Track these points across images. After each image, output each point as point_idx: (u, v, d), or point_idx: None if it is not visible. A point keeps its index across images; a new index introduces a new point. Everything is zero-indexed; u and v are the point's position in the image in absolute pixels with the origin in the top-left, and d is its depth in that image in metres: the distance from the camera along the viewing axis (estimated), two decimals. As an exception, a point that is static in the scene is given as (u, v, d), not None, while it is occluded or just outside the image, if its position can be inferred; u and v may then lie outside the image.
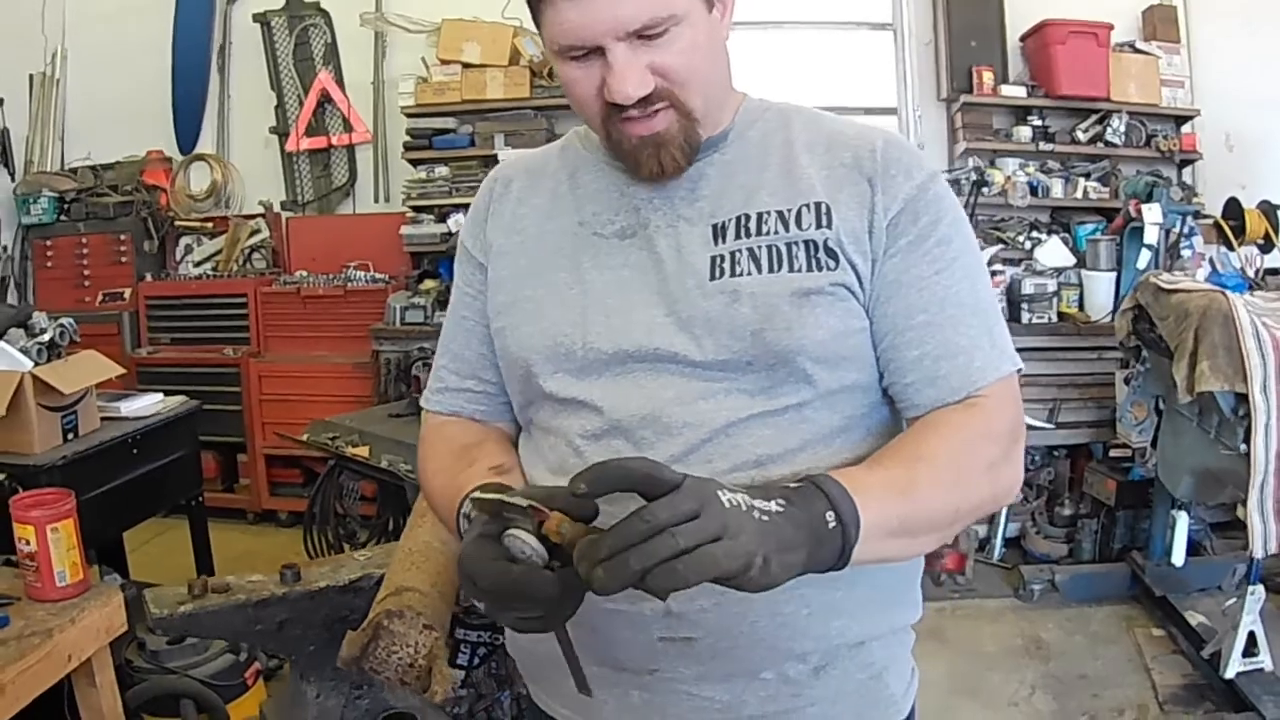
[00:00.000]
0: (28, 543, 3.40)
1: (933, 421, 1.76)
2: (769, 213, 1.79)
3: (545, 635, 1.74)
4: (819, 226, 1.77)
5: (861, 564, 1.50)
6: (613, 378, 1.81)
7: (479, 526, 1.54)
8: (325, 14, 8.71)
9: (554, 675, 1.93)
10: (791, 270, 1.76)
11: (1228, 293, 5.11)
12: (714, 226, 1.81)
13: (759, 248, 1.77)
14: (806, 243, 1.76)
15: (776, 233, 1.78)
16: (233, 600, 2.86)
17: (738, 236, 1.79)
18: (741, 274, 1.76)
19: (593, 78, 1.70)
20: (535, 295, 1.88)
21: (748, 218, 1.80)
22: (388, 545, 3.17)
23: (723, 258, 1.78)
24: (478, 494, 1.58)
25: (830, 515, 1.46)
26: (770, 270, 1.76)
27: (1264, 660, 5.00)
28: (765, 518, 1.39)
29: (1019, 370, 1.82)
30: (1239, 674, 4.99)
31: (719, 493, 1.37)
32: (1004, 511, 6.87)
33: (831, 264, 1.76)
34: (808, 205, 1.78)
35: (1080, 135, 7.59)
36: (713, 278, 1.77)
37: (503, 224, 1.98)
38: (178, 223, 8.98)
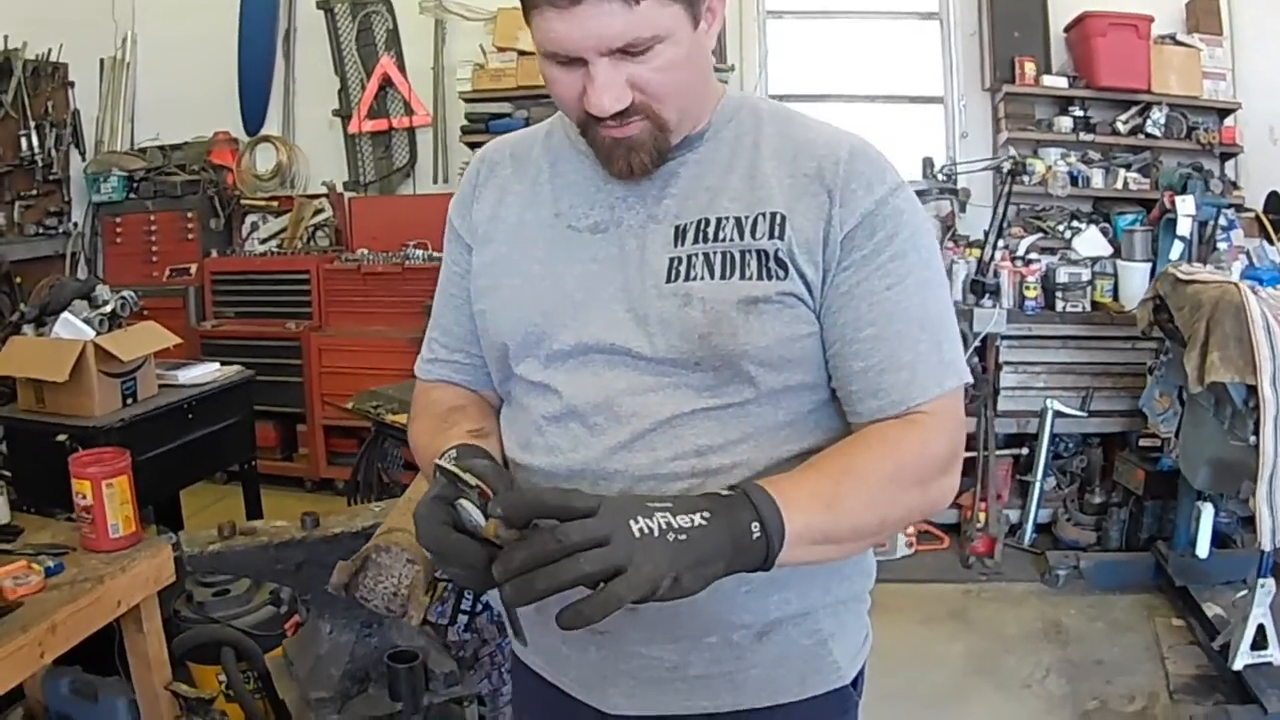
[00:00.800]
0: (84, 497, 3.62)
1: (869, 434, 1.84)
2: (727, 219, 1.86)
3: None
4: (771, 237, 1.83)
5: (785, 566, 1.62)
6: (574, 366, 1.91)
7: (437, 488, 1.67)
8: (387, 1, 8.93)
9: (528, 631, 2.11)
10: (742, 278, 1.82)
11: (1241, 284, 5.16)
12: (676, 229, 1.88)
13: (714, 253, 1.84)
14: (759, 252, 1.83)
15: (732, 240, 1.84)
16: (256, 542, 3.07)
17: (696, 241, 1.86)
18: (695, 278, 1.84)
19: (574, 83, 1.76)
20: (511, 283, 1.99)
21: (707, 222, 1.87)
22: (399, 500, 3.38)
23: (680, 260, 1.86)
24: (441, 462, 1.72)
25: (755, 526, 1.55)
26: (722, 276, 1.83)
27: (1273, 654, 5.05)
28: (682, 537, 1.49)
29: (967, 384, 1.91)
30: (1247, 666, 5.04)
31: (631, 522, 1.46)
32: (1035, 497, 7.00)
33: (781, 274, 1.82)
34: (764, 214, 1.84)
35: (1120, 126, 7.60)
36: (669, 280, 1.85)
37: (486, 209, 2.08)
38: (243, 201, 9.26)
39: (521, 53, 7.99)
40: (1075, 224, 7.64)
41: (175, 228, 9.05)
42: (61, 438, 4.91)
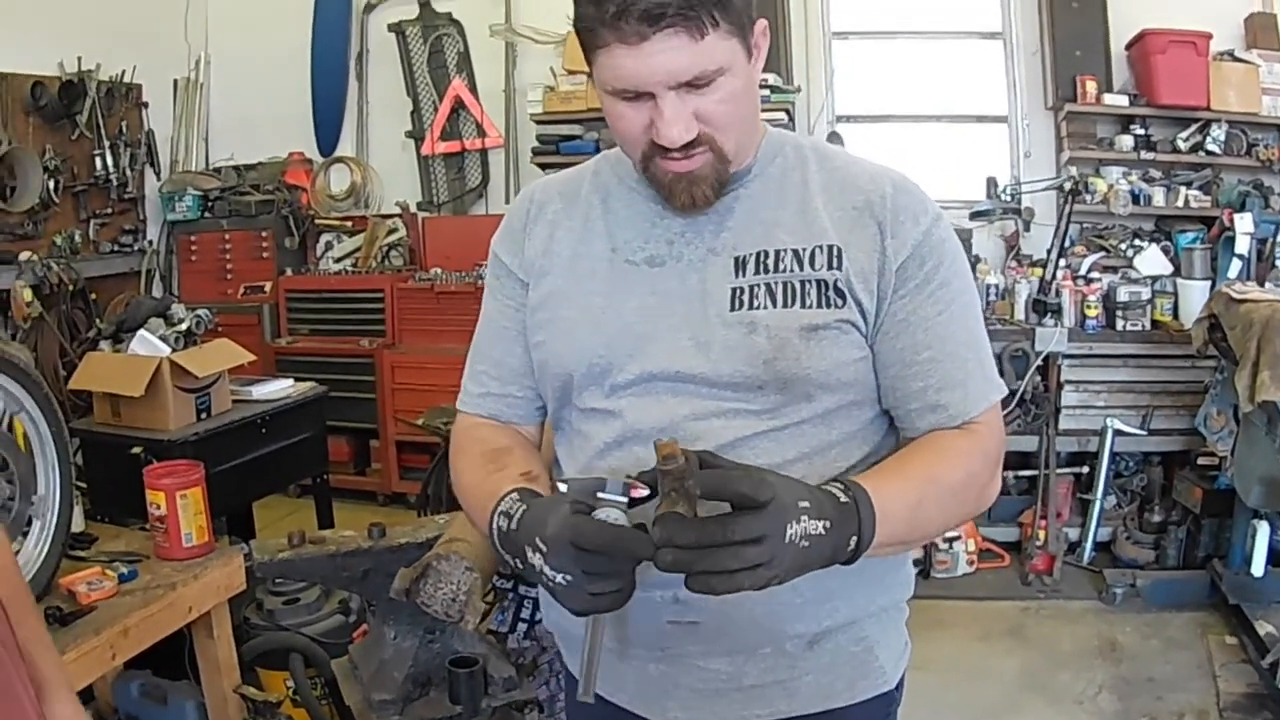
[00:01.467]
0: (158, 507, 3.77)
1: (939, 442, 1.97)
2: (785, 250, 1.97)
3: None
4: (830, 268, 1.95)
5: None
6: (638, 393, 2.00)
7: (569, 502, 1.69)
8: (458, 24, 9.09)
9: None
10: (803, 306, 1.94)
11: (1291, 304, 5.19)
12: (736, 260, 1.98)
13: (775, 283, 1.95)
14: (818, 282, 1.95)
15: (791, 270, 1.96)
16: (324, 550, 3.19)
17: (757, 272, 1.97)
18: (759, 307, 1.94)
19: (641, 117, 1.85)
20: (570, 316, 2.07)
21: (766, 254, 1.98)
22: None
23: (742, 290, 1.96)
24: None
25: (853, 540, 1.67)
26: (784, 305, 1.94)
27: (1320, 673, 5.00)
28: (806, 544, 1.59)
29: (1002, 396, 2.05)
30: (1293, 685, 5.01)
31: (789, 526, 1.57)
32: (1096, 516, 7.01)
33: (839, 302, 1.94)
34: (821, 247, 1.96)
35: (1181, 144, 7.59)
36: (733, 309, 1.95)
37: (539, 245, 2.16)
38: (318, 221, 9.41)
39: (591, 75, 7.97)
40: (1137, 242, 7.64)
41: (250, 246, 9.21)
42: (136, 450, 5.03)
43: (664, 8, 1.73)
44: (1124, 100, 7.70)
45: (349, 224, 9.42)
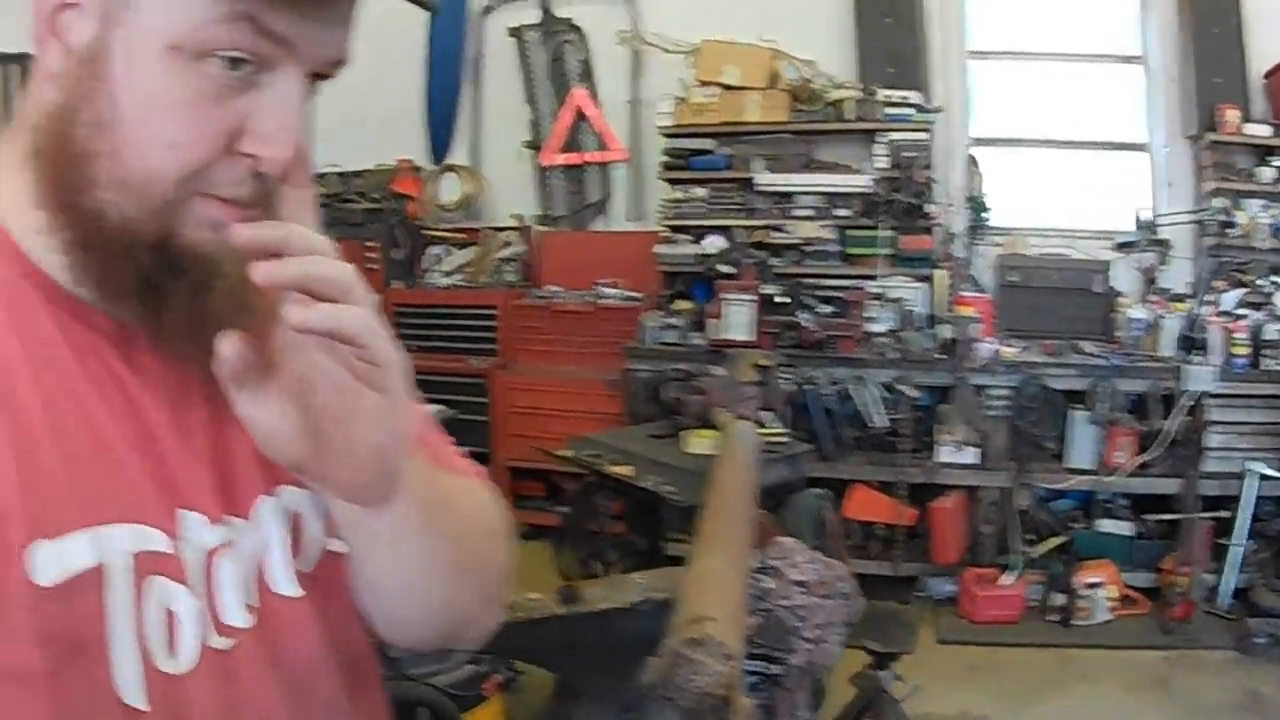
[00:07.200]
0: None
1: None
2: None
3: None
4: None
5: None
6: None
7: None
8: (579, 30, 8.92)
9: None
10: None
11: None
12: None
13: None
14: None
15: None
16: (513, 618, 3.01)
17: None
18: None
19: None
20: None
21: None
22: (663, 570, 3.28)
23: None
24: None
25: None
26: None
27: None
28: None
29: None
30: None
31: None
32: (1235, 562, 6.79)
33: None
34: None
35: (1322, 176, 7.36)
36: None
37: None
38: (426, 232, 9.27)
39: (726, 87, 7.87)
40: (1274, 278, 7.43)
41: (355, 257, 8.64)
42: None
43: None
44: (1265, 129, 7.48)
45: (460, 235, 9.25)
